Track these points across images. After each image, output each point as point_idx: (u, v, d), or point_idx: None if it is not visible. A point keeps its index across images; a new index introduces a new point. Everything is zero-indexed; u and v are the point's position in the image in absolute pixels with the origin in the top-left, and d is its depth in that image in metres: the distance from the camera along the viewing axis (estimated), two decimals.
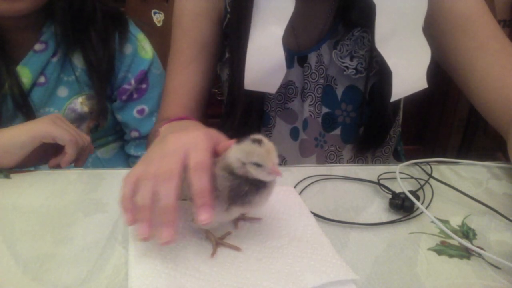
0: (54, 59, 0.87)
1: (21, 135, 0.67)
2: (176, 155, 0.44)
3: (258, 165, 0.42)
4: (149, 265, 0.44)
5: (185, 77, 0.79)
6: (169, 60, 0.82)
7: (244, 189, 0.43)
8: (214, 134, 0.48)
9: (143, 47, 0.94)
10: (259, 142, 0.42)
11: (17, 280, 0.44)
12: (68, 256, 0.47)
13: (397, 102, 0.78)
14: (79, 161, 0.74)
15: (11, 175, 0.64)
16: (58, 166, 0.71)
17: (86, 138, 0.76)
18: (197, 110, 0.81)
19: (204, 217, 0.41)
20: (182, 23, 0.80)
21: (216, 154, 0.46)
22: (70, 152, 0.70)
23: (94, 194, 0.59)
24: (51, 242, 0.49)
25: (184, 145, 0.45)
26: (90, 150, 0.78)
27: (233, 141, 0.46)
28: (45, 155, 0.72)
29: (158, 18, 1.16)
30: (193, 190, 0.42)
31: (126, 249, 0.47)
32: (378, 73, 0.75)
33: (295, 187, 0.61)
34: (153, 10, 1.16)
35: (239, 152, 0.43)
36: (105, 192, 0.60)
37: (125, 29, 0.92)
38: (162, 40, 1.09)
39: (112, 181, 0.62)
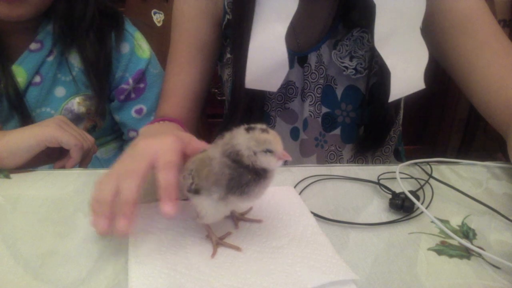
0: (50, 58, 0.86)
1: (28, 139, 0.67)
2: (144, 157, 0.46)
3: (270, 151, 0.43)
4: (149, 265, 0.44)
5: (183, 77, 0.79)
6: (167, 60, 0.82)
7: (247, 177, 0.43)
8: (186, 138, 0.50)
9: (140, 46, 0.94)
10: (267, 131, 0.44)
11: (17, 280, 0.44)
12: (68, 256, 0.47)
13: (398, 101, 0.79)
14: (83, 163, 0.74)
15: (11, 175, 0.64)
16: (62, 167, 0.72)
17: (90, 140, 0.76)
18: (194, 110, 0.81)
19: (168, 209, 0.43)
20: (180, 24, 0.80)
21: (185, 156, 0.49)
22: (75, 157, 0.71)
23: None
24: (51, 242, 0.49)
25: (154, 150, 0.47)
26: (94, 150, 0.78)
27: (204, 143, 0.49)
28: (49, 157, 0.72)
29: (158, 18, 1.16)
30: (160, 185, 0.44)
31: (126, 249, 0.47)
32: (378, 73, 0.75)
33: (295, 187, 0.61)
34: (153, 10, 1.16)
35: (251, 142, 0.43)
36: None
37: (121, 27, 0.91)
38: (162, 40, 1.09)
39: None
